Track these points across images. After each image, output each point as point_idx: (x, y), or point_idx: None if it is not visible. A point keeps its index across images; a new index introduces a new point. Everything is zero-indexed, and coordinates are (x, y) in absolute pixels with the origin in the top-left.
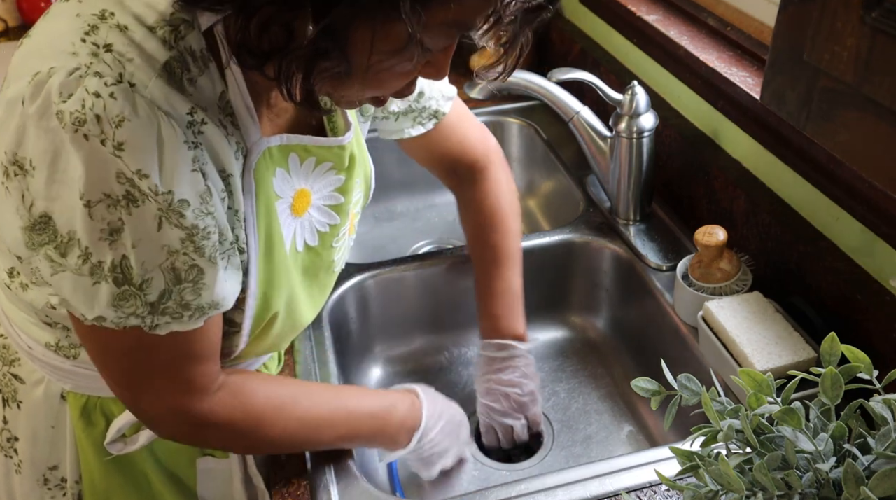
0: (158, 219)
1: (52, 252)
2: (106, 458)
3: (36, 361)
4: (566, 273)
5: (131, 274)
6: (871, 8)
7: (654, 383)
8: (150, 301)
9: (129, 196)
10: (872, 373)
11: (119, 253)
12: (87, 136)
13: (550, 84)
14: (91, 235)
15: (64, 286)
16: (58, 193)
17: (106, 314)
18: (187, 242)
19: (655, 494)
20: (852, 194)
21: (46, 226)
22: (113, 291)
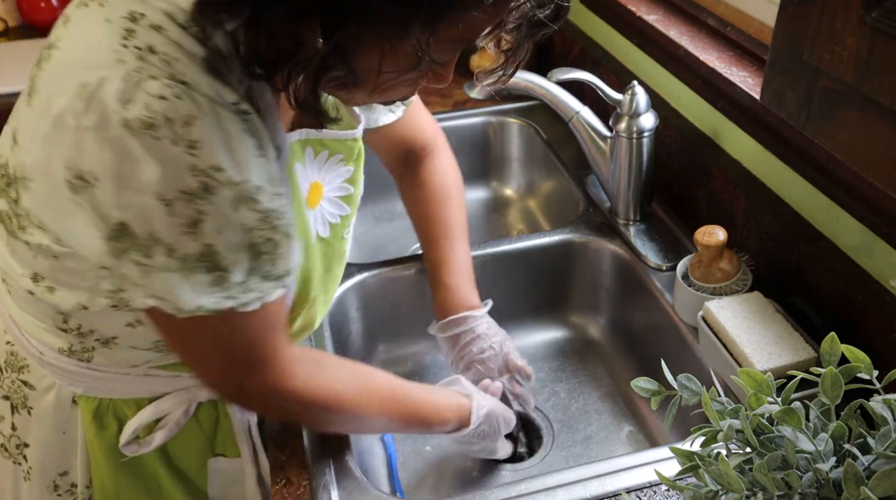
0: (234, 203)
1: (137, 256)
2: (120, 461)
3: (47, 366)
4: (566, 273)
5: (218, 259)
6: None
7: (654, 383)
8: (238, 281)
9: (204, 187)
10: (872, 373)
11: (202, 242)
12: (159, 138)
13: (550, 84)
14: (172, 231)
15: (156, 285)
16: (129, 200)
17: (203, 302)
18: (263, 221)
19: (655, 494)
20: (852, 194)
21: (124, 233)
22: (204, 279)
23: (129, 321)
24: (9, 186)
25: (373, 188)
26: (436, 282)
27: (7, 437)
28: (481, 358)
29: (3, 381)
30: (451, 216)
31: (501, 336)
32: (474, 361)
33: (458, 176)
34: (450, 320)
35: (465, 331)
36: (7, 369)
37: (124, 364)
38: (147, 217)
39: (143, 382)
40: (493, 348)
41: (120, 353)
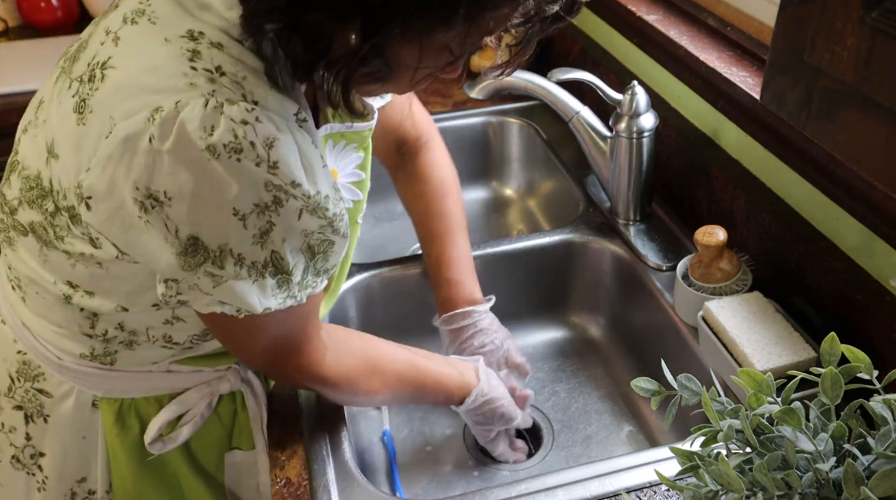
0: (300, 212)
1: (210, 268)
2: (145, 460)
3: (65, 372)
4: (566, 273)
5: (283, 264)
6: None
7: (654, 383)
8: (297, 281)
9: (276, 200)
10: (872, 373)
11: (270, 249)
12: (241, 160)
13: (550, 84)
14: (244, 243)
15: (227, 294)
16: (202, 217)
17: (270, 304)
18: (327, 227)
19: (655, 494)
20: (852, 194)
21: (196, 247)
22: (270, 283)
23: (167, 318)
24: (43, 198)
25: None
26: (439, 277)
27: (20, 448)
28: (482, 352)
29: (16, 391)
30: (451, 211)
31: (503, 333)
32: (474, 354)
33: (454, 170)
34: (454, 314)
35: (468, 325)
36: (20, 378)
37: (146, 363)
38: (220, 231)
39: (165, 378)
40: (494, 343)
41: (142, 353)
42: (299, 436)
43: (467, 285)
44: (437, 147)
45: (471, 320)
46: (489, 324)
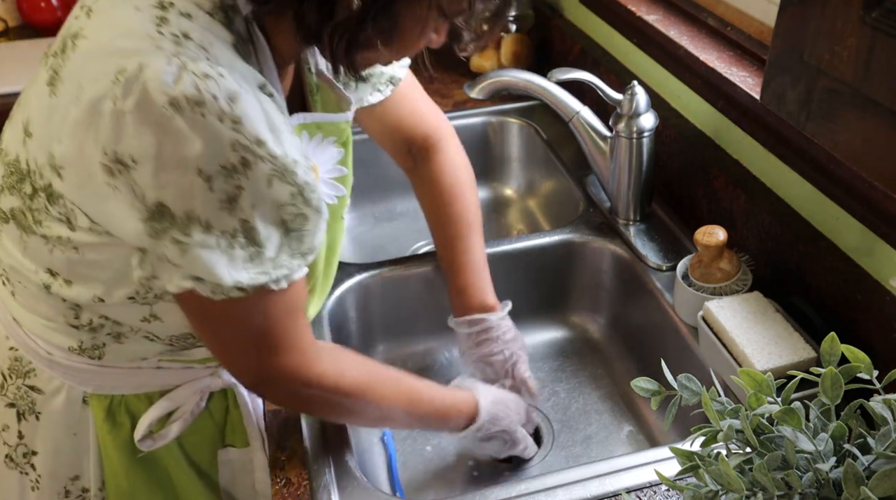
0: (270, 178)
1: (176, 234)
2: (135, 457)
3: (55, 367)
4: (566, 273)
5: (254, 235)
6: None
7: (654, 383)
8: (270, 257)
9: (244, 162)
10: (872, 373)
11: (239, 218)
12: (205, 115)
13: (550, 84)
14: (210, 207)
15: (195, 264)
16: (167, 180)
17: (241, 278)
18: (297, 196)
19: (655, 494)
20: (852, 194)
21: (163, 213)
22: (241, 255)
23: (144, 316)
24: (21, 181)
25: (373, 188)
26: (452, 284)
27: (13, 446)
28: (490, 360)
29: (8, 388)
30: (462, 215)
31: (517, 344)
32: (481, 360)
33: (469, 170)
34: (464, 320)
35: (479, 331)
36: (11, 375)
37: (135, 358)
38: (186, 195)
39: (155, 375)
40: (504, 354)
41: (131, 347)
42: (299, 436)
43: (478, 293)
44: (451, 146)
45: (481, 328)
46: (503, 333)
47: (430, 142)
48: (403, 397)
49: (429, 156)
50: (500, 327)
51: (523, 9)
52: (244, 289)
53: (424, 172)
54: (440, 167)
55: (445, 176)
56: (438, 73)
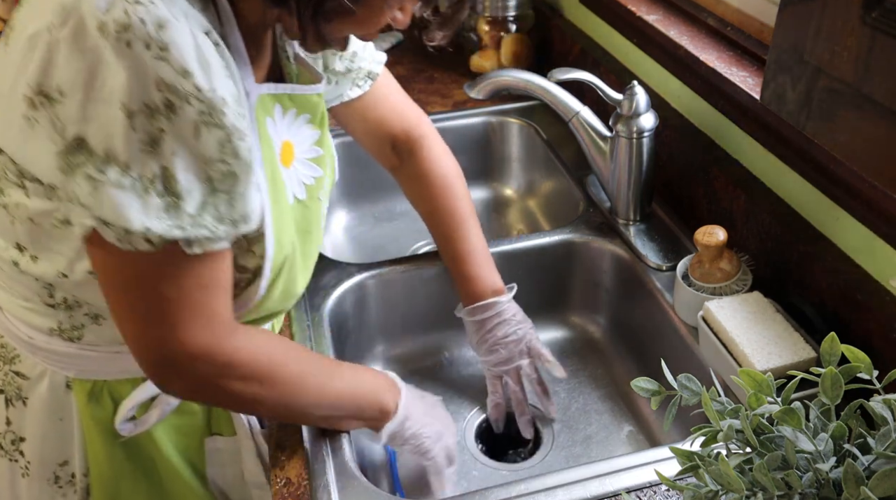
0: (196, 126)
1: (90, 170)
2: (118, 440)
3: (38, 352)
4: (566, 273)
5: (173, 184)
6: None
7: (654, 383)
8: (189, 212)
9: (168, 104)
10: (872, 373)
11: (159, 164)
12: (131, 42)
13: (550, 84)
14: (130, 147)
15: (104, 204)
16: (93, 113)
17: (152, 225)
18: (226, 144)
19: (655, 494)
20: (852, 194)
21: (81, 147)
22: (156, 202)
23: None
24: None
25: (373, 188)
26: (459, 274)
27: (2, 433)
28: (504, 342)
29: None
30: (457, 206)
31: (527, 324)
32: (497, 344)
33: (455, 162)
34: (477, 306)
35: (492, 316)
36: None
37: (115, 342)
38: (108, 131)
39: (135, 360)
40: (517, 334)
41: (110, 330)
42: (299, 436)
43: (487, 278)
44: (434, 142)
45: (494, 312)
46: (513, 314)
47: (414, 137)
48: (323, 369)
49: (414, 151)
50: (510, 309)
51: (523, 9)
52: (153, 242)
53: (412, 168)
54: (428, 161)
55: (434, 169)
56: (438, 73)
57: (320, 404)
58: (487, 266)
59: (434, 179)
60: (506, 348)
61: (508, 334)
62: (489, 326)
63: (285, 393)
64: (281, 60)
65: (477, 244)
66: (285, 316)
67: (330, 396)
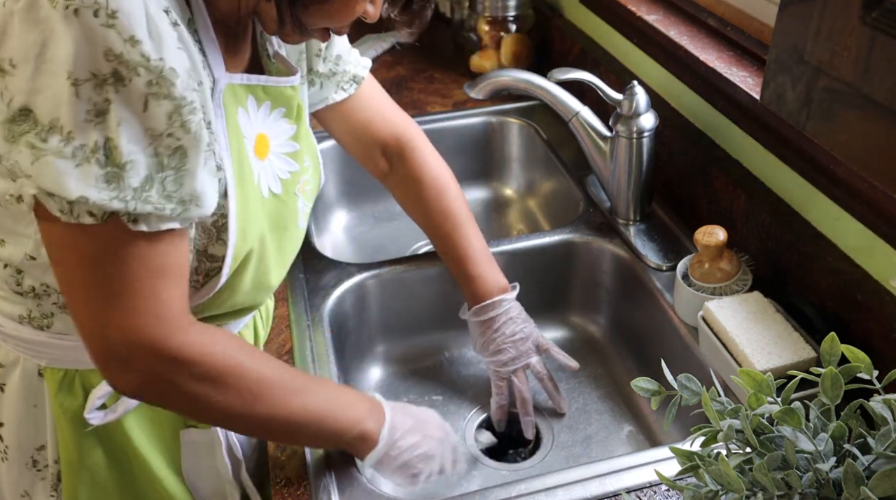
0: (145, 98)
1: (33, 139)
2: (85, 430)
3: (9, 340)
4: (566, 273)
5: (115, 155)
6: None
7: (654, 383)
8: (133, 186)
9: (116, 75)
10: (872, 373)
11: (104, 135)
12: (79, 11)
13: (550, 84)
14: (76, 117)
15: (44, 173)
16: (42, 84)
17: (89, 194)
18: (174, 116)
19: (655, 494)
20: (852, 194)
21: (27, 117)
22: (96, 172)
23: None
24: None
25: (373, 188)
26: (463, 275)
27: None
28: (513, 340)
29: None
30: (454, 207)
31: (531, 322)
32: (506, 342)
33: (446, 165)
34: (485, 305)
35: (500, 314)
36: None
37: None
38: (54, 102)
39: None
40: (524, 332)
41: None
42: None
43: (492, 276)
44: (423, 146)
45: (501, 310)
46: (518, 313)
47: (403, 141)
48: (289, 380)
49: (405, 155)
50: (516, 307)
51: (523, 9)
52: (94, 214)
53: (405, 171)
54: (420, 165)
55: (427, 172)
56: (438, 73)
57: (281, 418)
58: (491, 265)
59: (428, 182)
60: (514, 347)
61: (516, 332)
62: (497, 324)
63: (240, 400)
64: (262, 58)
65: (478, 244)
66: (285, 316)
67: (295, 411)
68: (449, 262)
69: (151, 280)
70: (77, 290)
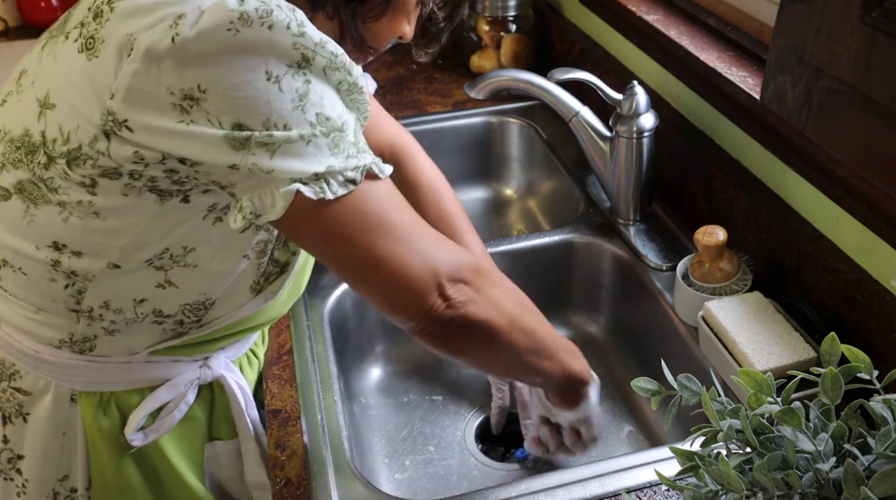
0: (324, 70)
1: (260, 137)
2: (126, 454)
3: (42, 365)
4: (566, 273)
5: (331, 122)
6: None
7: (654, 383)
8: (352, 141)
9: (304, 57)
10: (872, 373)
11: (314, 111)
12: (273, 26)
13: (550, 84)
14: (284, 109)
15: (287, 162)
16: (238, 99)
17: (333, 163)
18: (354, 85)
19: (655, 494)
20: (852, 194)
21: (241, 130)
22: (324, 142)
23: (159, 282)
24: (32, 154)
25: None
26: None
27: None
28: None
29: None
30: (451, 212)
31: None
32: None
33: (440, 172)
34: None
35: None
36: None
37: (125, 352)
38: (260, 104)
39: (144, 369)
40: None
41: (122, 339)
42: (299, 436)
43: None
44: (417, 153)
45: None
46: None
47: (396, 148)
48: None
49: (400, 162)
50: None
51: (523, 9)
52: (351, 179)
53: (400, 179)
54: (414, 171)
55: (423, 178)
56: (438, 73)
57: (543, 332)
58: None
59: (424, 188)
60: None
61: None
62: None
63: (523, 308)
64: None
65: (477, 249)
66: (286, 316)
67: (547, 327)
68: None
69: (400, 207)
70: (372, 255)
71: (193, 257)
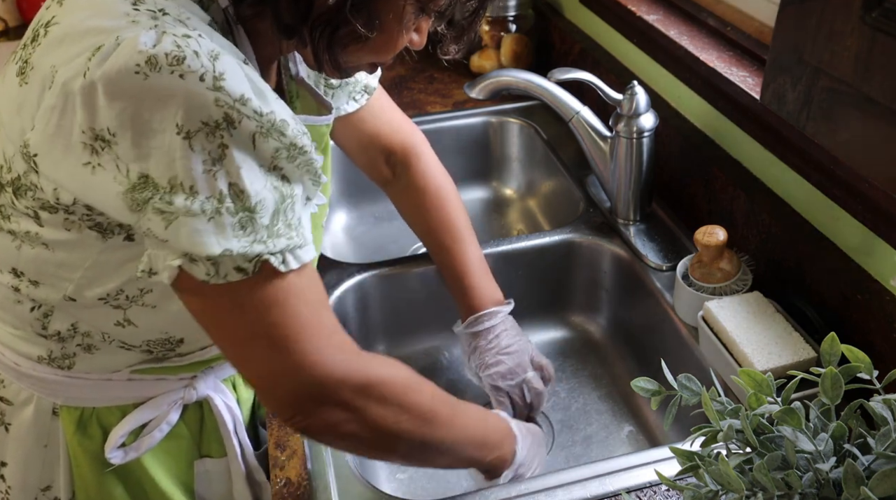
0: (253, 138)
1: (158, 204)
2: (105, 470)
3: (24, 378)
4: (566, 273)
5: (244, 198)
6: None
7: (654, 383)
8: (264, 224)
9: (227, 118)
10: (872, 373)
11: (226, 181)
12: (184, 75)
13: (550, 84)
14: (194, 170)
15: (181, 235)
16: (147, 147)
17: (231, 246)
18: (292, 148)
19: (655, 494)
20: (852, 194)
21: (146, 184)
22: (230, 221)
23: (117, 320)
24: None
25: (373, 188)
26: (459, 287)
27: None
28: (508, 351)
29: None
30: (454, 219)
31: (524, 335)
32: (501, 354)
33: (448, 176)
34: (479, 316)
35: (495, 325)
36: None
37: (106, 370)
38: (167, 159)
39: (126, 387)
40: (520, 344)
41: (102, 358)
42: (299, 436)
43: (488, 288)
44: (428, 155)
45: (497, 321)
46: (512, 326)
47: (408, 149)
48: (447, 398)
49: (410, 164)
50: (510, 321)
51: (523, 9)
52: (240, 267)
53: (408, 180)
54: (423, 174)
55: (431, 182)
56: (438, 73)
57: (450, 438)
58: (487, 278)
59: (431, 192)
60: (510, 358)
61: (511, 343)
62: (491, 336)
63: (423, 421)
64: (284, 93)
65: (476, 258)
66: None
67: (457, 430)
68: (445, 273)
69: (316, 314)
70: (245, 349)
71: (151, 298)
